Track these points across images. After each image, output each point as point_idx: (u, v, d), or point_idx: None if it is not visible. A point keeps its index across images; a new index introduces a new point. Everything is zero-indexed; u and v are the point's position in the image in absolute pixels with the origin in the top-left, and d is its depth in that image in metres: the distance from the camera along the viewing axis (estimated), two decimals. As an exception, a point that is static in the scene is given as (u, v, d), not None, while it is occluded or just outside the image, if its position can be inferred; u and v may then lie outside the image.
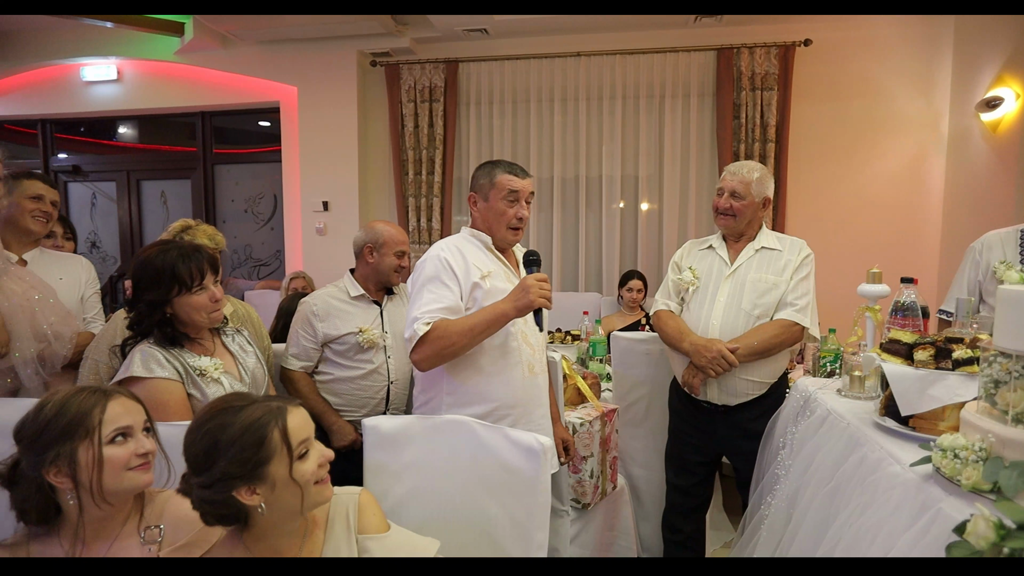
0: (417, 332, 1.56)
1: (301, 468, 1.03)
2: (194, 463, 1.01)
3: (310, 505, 1.06)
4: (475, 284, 1.67)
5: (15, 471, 1.05)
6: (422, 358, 1.58)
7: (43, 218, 2.02)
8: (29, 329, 1.75)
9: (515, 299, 1.60)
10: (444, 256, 1.68)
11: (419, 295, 1.64)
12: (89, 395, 1.06)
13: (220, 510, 1.02)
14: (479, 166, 1.82)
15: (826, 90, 4.24)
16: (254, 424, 0.99)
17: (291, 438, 1.01)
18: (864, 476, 1.24)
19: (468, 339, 1.57)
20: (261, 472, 0.99)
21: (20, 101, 5.35)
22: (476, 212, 1.79)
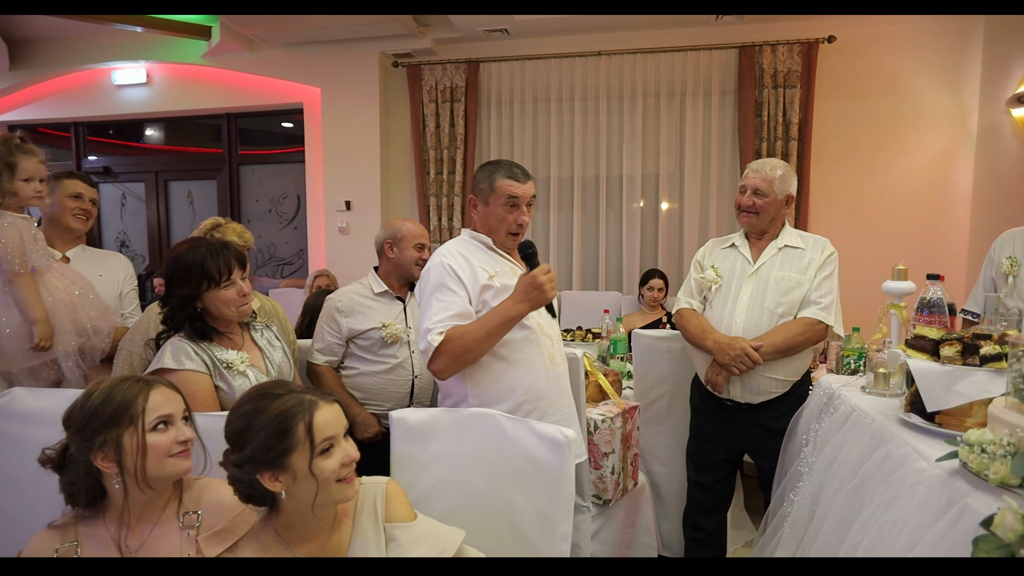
0: (432, 343, 1.53)
1: (321, 464, 1.05)
2: (231, 441, 1.06)
3: (326, 502, 1.08)
4: (484, 286, 1.65)
5: (64, 456, 1.10)
6: (441, 368, 1.56)
7: (83, 216, 2.09)
8: (71, 323, 1.82)
9: (528, 297, 1.58)
10: (447, 262, 1.64)
11: (428, 305, 1.61)
12: (132, 384, 1.11)
13: (248, 490, 1.06)
14: (480, 167, 1.77)
15: (850, 87, 4.19)
16: (283, 414, 1.03)
17: (315, 433, 1.04)
18: (889, 472, 1.24)
19: (485, 343, 1.56)
20: (283, 461, 1.03)
21: (54, 105, 5.51)
22: (476, 215, 1.75)
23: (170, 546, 1.14)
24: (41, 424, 1.51)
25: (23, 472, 1.49)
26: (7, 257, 1.69)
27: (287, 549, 1.10)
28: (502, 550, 1.28)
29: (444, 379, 1.59)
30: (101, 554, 1.10)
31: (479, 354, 1.57)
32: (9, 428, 1.52)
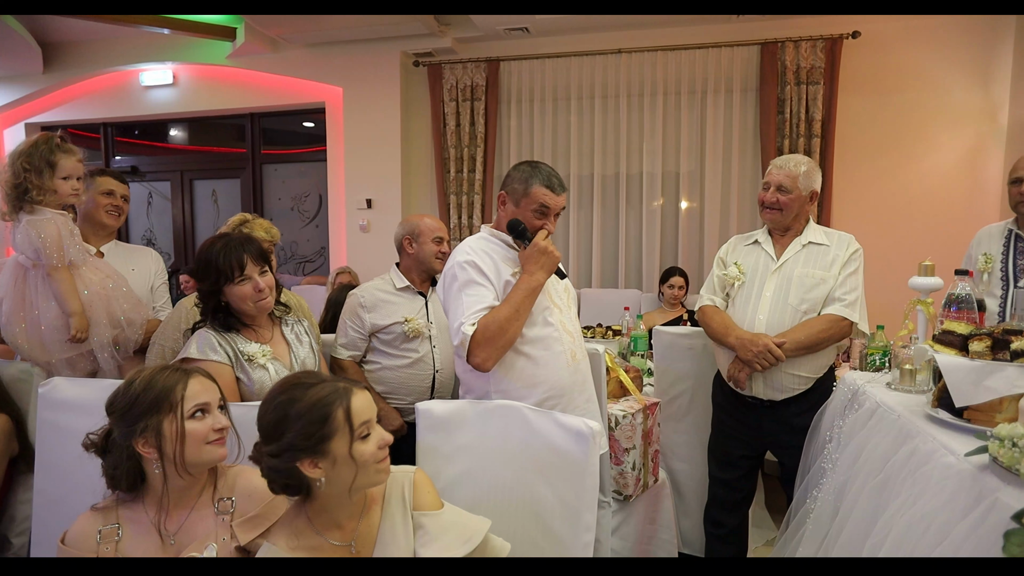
0: (466, 334, 1.55)
1: (360, 448, 1.08)
2: (265, 433, 1.08)
3: (365, 484, 1.11)
4: (507, 282, 1.67)
5: (107, 441, 1.14)
6: (483, 358, 1.56)
7: (115, 212, 2.15)
8: (105, 316, 1.87)
9: (541, 264, 1.62)
10: (471, 259, 1.66)
11: (457, 302, 1.62)
12: (172, 373, 1.15)
13: (285, 479, 1.08)
14: (517, 165, 1.78)
15: (875, 83, 4.14)
16: (320, 401, 1.05)
17: (353, 418, 1.07)
18: (915, 467, 1.23)
19: (516, 320, 1.58)
20: (323, 447, 1.05)
21: (84, 106, 5.65)
22: (503, 213, 1.76)
23: (205, 530, 1.17)
24: (79, 412, 1.57)
25: (64, 457, 1.55)
26: (46, 252, 1.75)
27: (319, 535, 1.12)
28: (527, 540, 1.30)
29: (487, 369, 1.59)
30: (141, 536, 1.14)
31: (513, 335, 1.59)
32: (50, 416, 1.58)
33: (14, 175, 1.78)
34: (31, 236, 1.74)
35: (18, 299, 1.77)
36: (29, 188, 1.79)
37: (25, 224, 1.75)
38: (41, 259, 1.76)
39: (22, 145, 1.83)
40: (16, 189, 1.79)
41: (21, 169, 1.77)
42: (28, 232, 1.74)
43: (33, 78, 5.49)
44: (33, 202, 1.79)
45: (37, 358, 1.84)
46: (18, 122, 5.82)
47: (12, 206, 1.79)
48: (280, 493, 1.12)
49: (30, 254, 1.75)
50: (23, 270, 1.79)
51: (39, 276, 1.79)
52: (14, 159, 1.80)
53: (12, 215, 1.79)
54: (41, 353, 1.82)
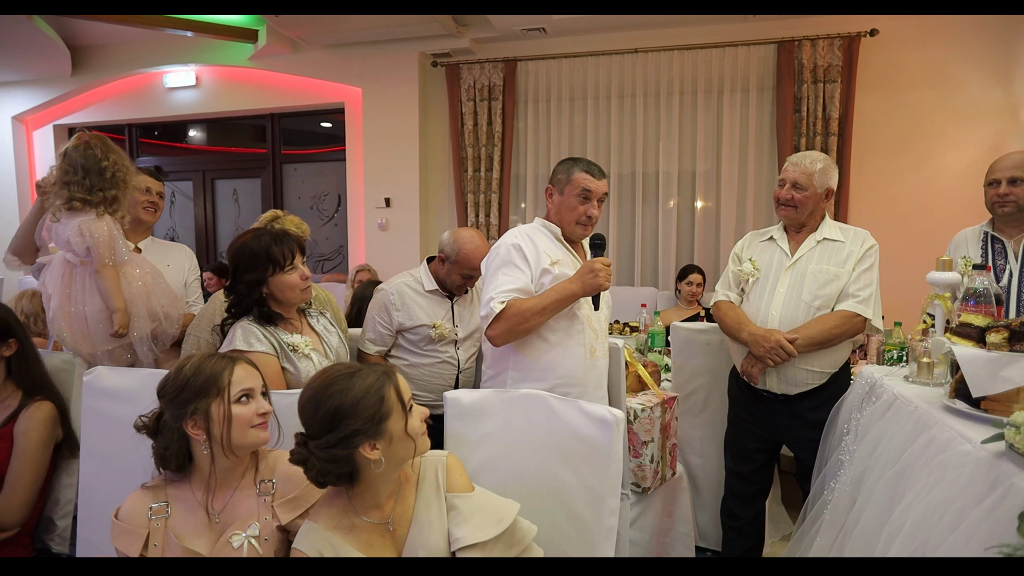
0: (493, 310, 1.67)
1: (412, 423, 1.16)
2: (318, 427, 1.12)
3: (420, 452, 1.19)
4: (544, 270, 1.76)
5: (158, 423, 1.20)
6: (497, 334, 1.70)
7: (152, 208, 2.23)
8: (145, 310, 1.95)
9: (583, 280, 1.70)
10: (517, 243, 1.78)
11: (494, 277, 1.75)
12: (219, 359, 1.21)
13: (341, 468, 1.12)
14: (560, 162, 1.91)
15: (893, 81, 4.13)
16: (372, 386, 1.12)
17: (403, 395, 1.15)
18: (932, 456, 1.26)
19: (540, 316, 1.69)
20: (381, 428, 1.11)
21: (109, 108, 5.78)
22: (551, 204, 1.89)
23: (248, 510, 1.23)
24: (121, 399, 1.64)
25: (107, 442, 1.62)
26: (98, 250, 1.83)
27: (358, 515, 1.18)
28: (552, 525, 1.34)
29: (498, 345, 1.74)
30: (189, 514, 1.21)
31: (533, 326, 1.70)
32: (94, 403, 1.65)
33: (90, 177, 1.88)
34: (84, 234, 1.81)
35: (65, 294, 1.85)
36: (109, 191, 1.90)
37: (78, 222, 1.83)
38: (91, 257, 1.83)
39: (90, 147, 1.91)
40: (85, 189, 1.87)
41: (114, 170, 1.89)
42: (82, 230, 1.82)
43: (62, 81, 5.63)
44: (102, 205, 1.88)
45: (81, 350, 1.92)
46: (47, 124, 5.98)
47: (84, 203, 1.87)
48: (332, 484, 1.15)
49: (81, 252, 1.83)
50: (70, 267, 1.86)
51: (86, 273, 1.86)
52: (93, 162, 1.89)
53: (66, 213, 1.87)
54: (85, 345, 1.90)
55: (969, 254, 2.13)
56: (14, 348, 1.73)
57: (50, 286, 1.88)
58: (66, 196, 1.84)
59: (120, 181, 1.90)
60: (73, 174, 1.85)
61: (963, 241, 2.24)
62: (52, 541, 1.80)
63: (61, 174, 1.86)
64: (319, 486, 1.16)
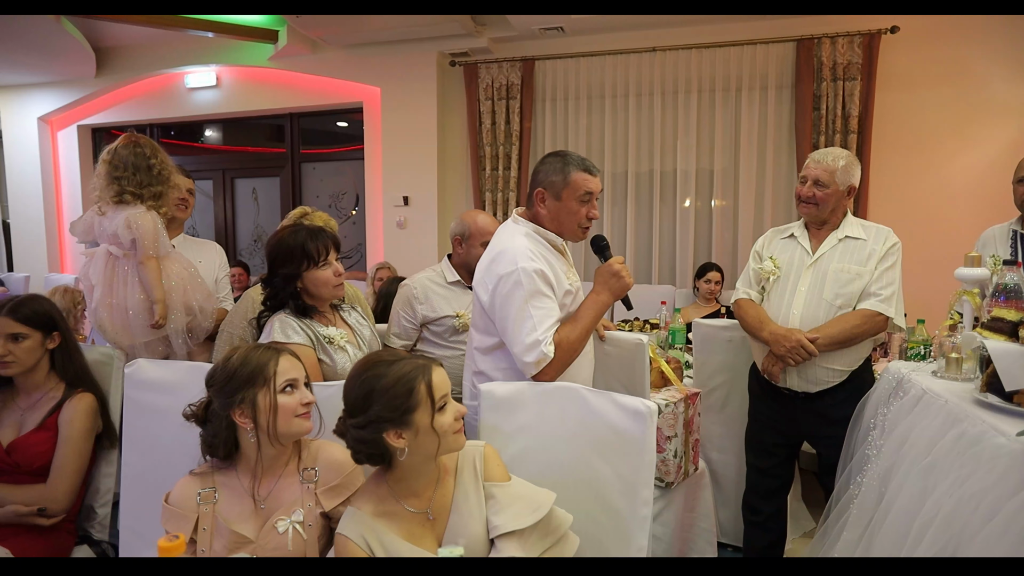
0: (548, 355, 1.54)
1: (440, 419, 1.17)
2: (352, 406, 1.17)
3: (445, 450, 1.20)
4: (567, 291, 1.70)
5: (207, 411, 1.24)
6: (552, 376, 1.57)
7: (183, 206, 2.29)
8: (182, 304, 2.00)
9: (610, 286, 1.69)
10: (537, 267, 1.61)
11: (524, 314, 1.57)
12: (265, 351, 1.25)
13: (370, 449, 1.17)
14: (544, 159, 1.75)
15: (914, 78, 4.11)
16: (405, 376, 1.14)
17: (434, 391, 1.16)
18: (964, 449, 1.27)
19: (583, 341, 1.64)
20: (408, 419, 1.14)
21: (132, 108, 5.88)
22: (543, 209, 1.71)
23: (292, 497, 1.27)
24: (160, 391, 1.69)
25: (147, 431, 1.67)
26: (143, 242, 1.89)
27: (398, 502, 1.21)
28: (586, 514, 1.37)
29: (551, 380, 1.59)
30: (236, 500, 1.25)
31: (579, 353, 1.65)
32: (135, 394, 1.70)
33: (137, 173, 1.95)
34: (132, 227, 1.87)
35: (107, 286, 1.91)
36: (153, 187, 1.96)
37: (126, 216, 1.89)
38: (136, 249, 1.89)
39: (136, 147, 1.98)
40: (133, 184, 1.94)
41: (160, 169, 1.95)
42: (129, 223, 1.88)
43: (86, 82, 5.73)
44: (148, 200, 1.95)
45: (120, 341, 1.97)
46: (71, 124, 6.09)
47: (113, 200, 1.93)
48: (364, 463, 1.21)
49: (127, 244, 1.89)
50: (113, 259, 1.92)
51: (128, 265, 1.92)
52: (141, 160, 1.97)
53: (129, 205, 1.94)
54: (124, 336, 1.96)
55: (998, 251, 2.11)
56: (57, 341, 1.78)
57: (93, 278, 1.94)
58: (116, 190, 1.90)
59: (165, 179, 1.96)
60: (123, 170, 1.92)
61: (991, 239, 2.23)
62: (93, 528, 1.85)
63: (111, 170, 1.93)
64: (356, 461, 1.20)
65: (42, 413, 1.74)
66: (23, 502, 1.63)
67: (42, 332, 1.74)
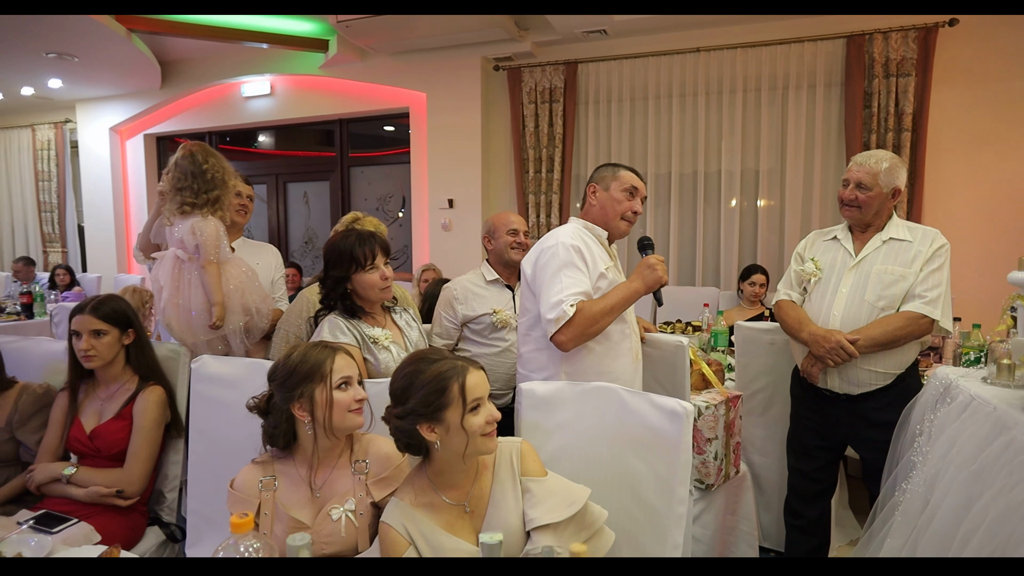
0: (567, 313, 1.67)
1: (471, 420, 1.22)
2: (394, 397, 1.25)
3: (473, 452, 1.25)
4: (601, 274, 1.81)
5: (268, 404, 1.34)
6: (569, 339, 1.70)
7: (243, 211, 2.43)
8: (239, 305, 2.14)
9: (644, 277, 1.80)
10: (574, 243, 1.79)
11: (555, 279, 1.73)
12: (322, 349, 1.34)
13: (407, 438, 1.25)
14: (600, 165, 2.00)
15: (973, 72, 3.94)
16: (440, 375, 1.21)
17: (467, 393, 1.22)
18: (1012, 457, 1.26)
19: (608, 318, 1.74)
20: (439, 415, 1.21)
21: (192, 117, 6.20)
22: (594, 200, 1.94)
23: (345, 487, 1.36)
24: (223, 384, 1.81)
25: (212, 422, 1.80)
26: (205, 248, 2.03)
27: (437, 493, 1.28)
28: (622, 511, 1.41)
29: (567, 350, 1.75)
30: (294, 488, 1.34)
31: (600, 328, 1.74)
32: (201, 388, 1.83)
33: (206, 184, 2.10)
34: (196, 233, 2.02)
35: (174, 287, 2.06)
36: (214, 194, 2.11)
37: (192, 223, 2.03)
38: (199, 254, 2.03)
39: (202, 158, 2.13)
40: (197, 194, 2.10)
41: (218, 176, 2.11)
42: (194, 229, 2.02)
43: (152, 93, 6.08)
44: (208, 205, 2.09)
45: (184, 339, 2.12)
46: (138, 133, 6.46)
47: (182, 208, 2.08)
48: (404, 451, 1.28)
49: (191, 249, 2.03)
50: (179, 262, 2.07)
51: (192, 268, 2.06)
52: (209, 170, 2.13)
53: (185, 213, 2.08)
54: (188, 334, 2.10)
55: None
56: (132, 337, 1.93)
57: (162, 279, 2.09)
58: (179, 202, 2.05)
59: (220, 181, 2.09)
60: (183, 180, 2.06)
61: None
62: (162, 511, 2.00)
63: (174, 181, 2.07)
64: (399, 449, 1.28)
65: (119, 403, 1.89)
66: (104, 484, 1.78)
67: (119, 329, 1.89)
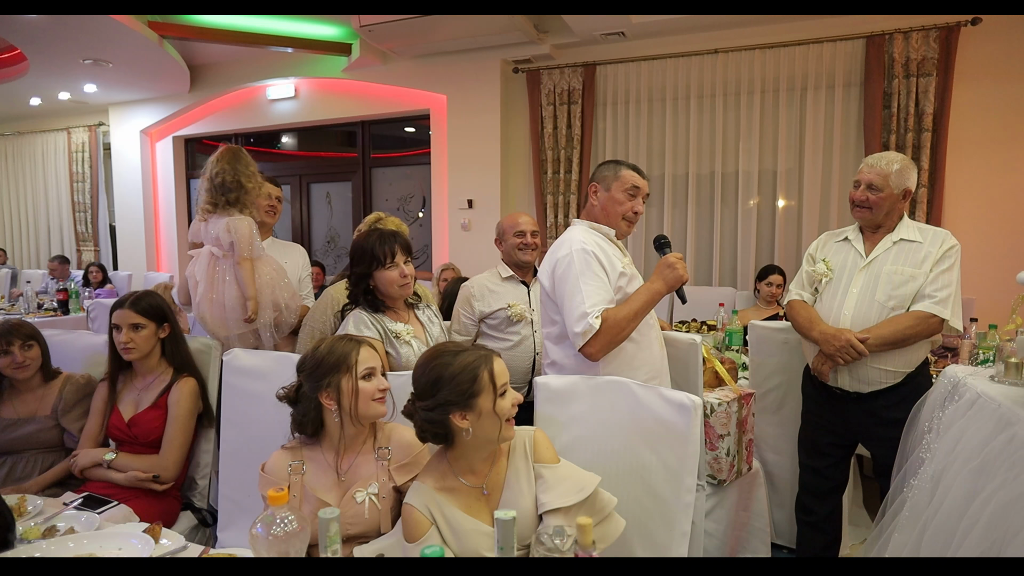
0: (593, 326, 1.68)
1: (501, 404, 1.30)
2: (421, 391, 1.31)
3: (504, 437, 1.33)
4: (621, 273, 1.85)
5: (298, 393, 1.43)
6: (597, 350, 1.71)
7: (272, 211, 2.53)
8: (270, 301, 2.24)
9: (664, 276, 1.81)
10: (589, 249, 1.79)
11: (576, 290, 1.74)
12: (348, 341, 1.43)
13: (436, 429, 1.31)
14: (602, 163, 1.99)
15: (996, 71, 3.91)
16: (470, 365, 1.28)
17: (496, 379, 1.30)
18: (1014, 451, 1.28)
19: (633, 323, 1.76)
20: (472, 402, 1.28)
21: (219, 120, 6.37)
22: (595, 200, 1.95)
23: (369, 472, 1.44)
24: (253, 376, 1.91)
25: (243, 412, 1.90)
26: (239, 245, 2.14)
27: (456, 478, 1.35)
28: (633, 500, 1.47)
29: (596, 360, 1.75)
30: (321, 472, 1.42)
31: (627, 335, 1.76)
32: (232, 380, 1.93)
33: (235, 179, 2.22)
34: (231, 231, 2.12)
35: (209, 283, 2.17)
36: (242, 193, 2.21)
37: (227, 221, 2.14)
38: (233, 251, 2.14)
39: (233, 158, 2.24)
40: (226, 192, 2.21)
41: (244, 176, 2.22)
42: (229, 227, 2.13)
43: (181, 97, 6.27)
44: (236, 204, 2.20)
45: (217, 332, 2.22)
46: (167, 136, 6.66)
47: (215, 205, 2.19)
48: (430, 441, 1.35)
49: (225, 246, 2.14)
50: (214, 259, 2.18)
51: (227, 265, 2.17)
52: (239, 167, 2.24)
53: (217, 212, 2.20)
54: (221, 328, 2.21)
55: None
56: (167, 331, 2.04)
57: (198, 275, 2.20)
58: (201, 203, 2.18)
59: (235, 184, 2.19)
60: (204, 184, 2.20)
61: None
62: (194, 497, 2.10)
63: (204, 183, 2.20)
64: (421, 440, 1.35)
65: (155, 393, 2.00)
66: (141, 469, 1.89)
67: (156, 323, 2.00)
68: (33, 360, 2.04)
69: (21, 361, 2.00)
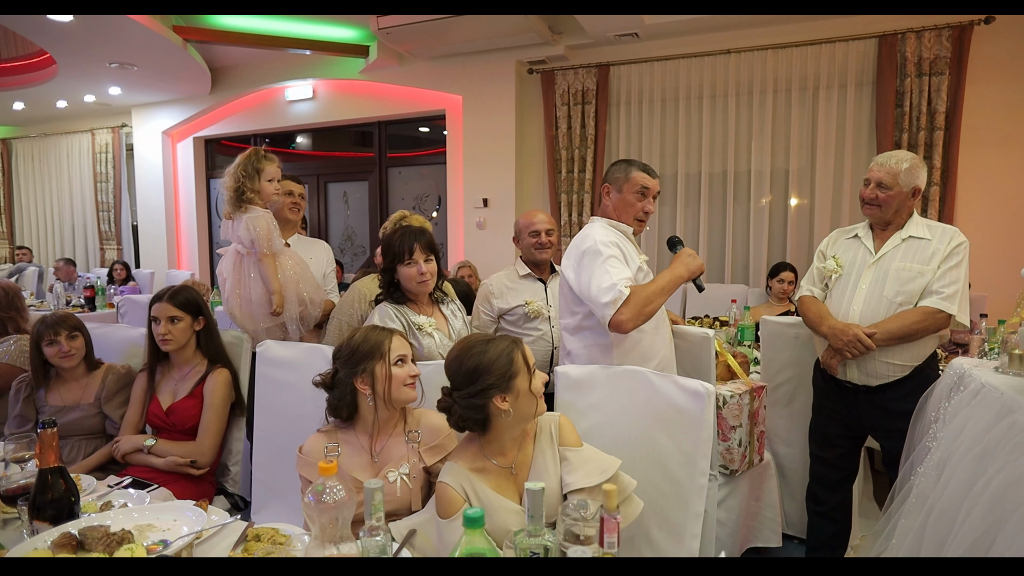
0: (622, 292, 1.77)
1: (535, 382, 1.39)
2: (460, 381, 1.39)
3: (539, 412, 1.41)
4: (639, 267, 1.95)
5: (333, 380, 1.52)
6: (628, 318, 1.77)
7: (295, 208, 2.63)
8: (295, 296, 2.33)
9: (686, 264, 1.94)
10: (612, 240, 1.91)
11: (603, 270, 1.83)
12: (381, 331, 1.52)
13: (477, 415, 1.38)
14: (614, 164, 2.08)
15: (1009, 69, 3.94)
16: (504, 350, 1.37)
17: (528, 360, 1.39)
18: (1014, 436, 1.35)
19: (661, 298, 1.85)
20: (511, 384, 1.36)
21: (239, 120, 6.50)
22: (608, 201, 2.06)
23: (400, 453, 1.53)
24: (284, 367, 2.00)
25: (275, 401, 1.99)
26: (259, 241, 2.23)
27: (487, 459, 1.43)
28: (650, 482, 1.54)
29: (627, 331, 1.81)
30: (355, 454, 1.51)
31: (655, 309, 1.85)
32: (265, 370, 2.03)
33: (234, 181, 2.29)
34: (250, 228, 2.22)
35: (235, 279, 2.27)
36: (244, 190, 2.28)
37: (245, 219, 2.24)
38: (255, 247, 2.24)
39: (238, 158, 2.34)
40: (236, 192, 2.29)
41: (241, 175, 2.28)
42: (248, 225, 2.23)
43: (202, 98, 6.41)
44: (248, 202, 2.28)
45: (246, 326, 2.33)
46: (189, 136, 6.80)
47: (233, 206, 2.29)
48: (466, 428, 1.42)
49: (247, 244, 2.24)
50: (240, 256, 2.28)
51: (251, 261, 2.27)
52: (234, 169, 2.31)
53: (233, 213, 2.29)
54: (249, 322, 2.31)
55: None
56: (202, 324, 2.14)
57: (225, 272, 2.30)
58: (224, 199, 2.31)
59: (244, 185, 2.29)
60: (226, 192, 2.32)
61: None
62: (227, 483, 2.20)
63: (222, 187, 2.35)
64: (459, 430, 1.43)
65: (191, 383, 2.10)
66: (179, 454, 1.99)
67: (191, 316, 2.10)
68: (78, 350, 2.15)
69: (67, 350, 2.12)
